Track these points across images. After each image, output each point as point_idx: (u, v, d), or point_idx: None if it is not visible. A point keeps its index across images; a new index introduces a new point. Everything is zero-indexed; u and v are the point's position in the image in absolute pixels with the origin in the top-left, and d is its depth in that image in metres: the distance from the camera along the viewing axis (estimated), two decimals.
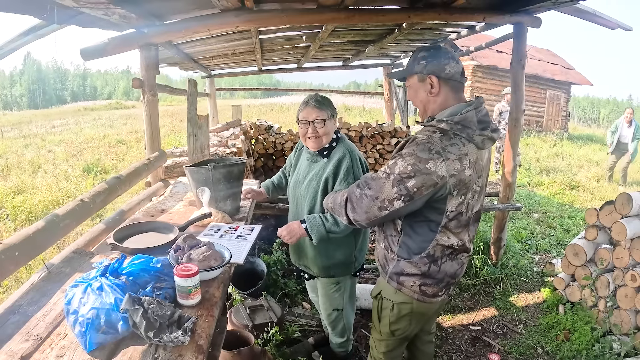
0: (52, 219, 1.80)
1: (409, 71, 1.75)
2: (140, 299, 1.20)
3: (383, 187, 1.60)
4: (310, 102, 2.27)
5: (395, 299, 1.85)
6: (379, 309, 1.94)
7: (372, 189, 1.63)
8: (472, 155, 1.60)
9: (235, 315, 2.82)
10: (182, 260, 1.47)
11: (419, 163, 1.54)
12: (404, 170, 1.56)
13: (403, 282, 1.79)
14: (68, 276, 1.61)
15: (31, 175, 8.40)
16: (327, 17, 3.28)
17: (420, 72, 1.70)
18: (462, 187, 1.61)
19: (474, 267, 4.14)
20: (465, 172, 1.58)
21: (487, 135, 1.63)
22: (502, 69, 15.41)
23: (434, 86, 1.68)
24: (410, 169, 1.55)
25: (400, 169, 1.57)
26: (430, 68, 1.67)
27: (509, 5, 3.51)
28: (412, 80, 1.75)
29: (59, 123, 19.02)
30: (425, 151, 1.55)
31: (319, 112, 2.24)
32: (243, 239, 1.97)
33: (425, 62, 1.68)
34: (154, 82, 3.36)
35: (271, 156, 5.88)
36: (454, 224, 1.69)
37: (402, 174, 1.56)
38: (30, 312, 1.37)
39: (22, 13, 2.46)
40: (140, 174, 2.82)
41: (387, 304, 1.88)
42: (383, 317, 1.92)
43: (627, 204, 3.41)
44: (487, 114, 1.67)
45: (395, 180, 1.57)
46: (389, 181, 1.59)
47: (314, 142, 2.27)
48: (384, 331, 1.95)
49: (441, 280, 1.77)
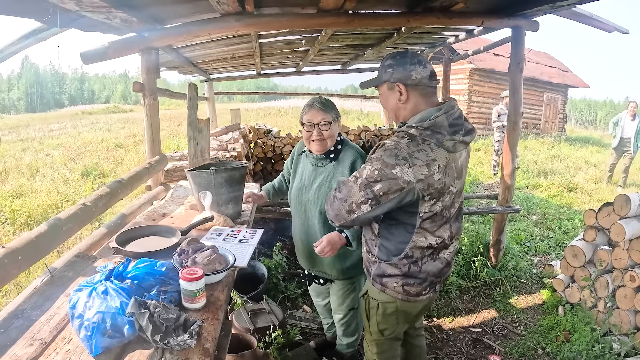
0: (54, 222, 1.80)
1: (378, 80, 1.78)
2: (146, 303, 1.20)
3: (351, 190, 1.64)
4: (315, 105, 2.24)
5: (380, 298, 1.88)
6: (367, 309, 1.97)
7: (341, 192, 1.68)
8: (442, 160, 1.61)
9: (237, 319, 2.82)
10: (186, 264, 1.47)
11: (386, 168, 1.57)
12: (370, 175, 1.59)
13: (386, 283, 1.82)
14: (71, 280, 1.61)
15: (29, 179, 8.40)
16: (327, 21, 3.29)
17: (388, 80, 1.72)
18: (433, 191, 1.62)
19: (474, 270, 4.16)
20: (434, 177, 1.59)
21: (459, 139, 1.64)
22: (499, 72, 15.47)
23: (402, 93, 1.70)
24: (377, 173, 1.58)
25: (368, 173, 1.60)
26: (397, 76, 1.69)
27: (507, 9, 3.53)
28: (382, 88, 1.78)
29: (57, 127, 18.99)
30: (392, 157, 1.57)
31: (324, 115, 2.22)
32: (246, 242, 1.97)
33: (392, 70, 1.70)
34: (154, 86, 3.37)
35: (270, 160, 5.89)
36: (429, 224, 1.70)
37: (369, 178, 1.60)
38: (34, 316, 1.36)
39: (23, 16, 2.46)
40: (141, 177, 2.82)
41: (373, 303, 1.91)
42: (371, 316, 1.96)
43: (626, 205, 3.43)
44: (460, 117, 1.68)
45: (362, 184, 1.61)
46: (356, 185, 1.63)
47: (318, 145, 2.25)
48: (374, 330, 1.99)
49: (424, 279, 1.79)
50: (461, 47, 10.68)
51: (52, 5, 2.32)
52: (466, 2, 3.14)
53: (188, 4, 2.90)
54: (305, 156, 2.44)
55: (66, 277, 1.65)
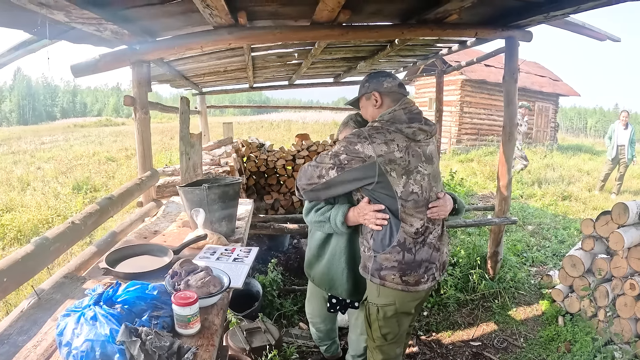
0: (41, 242, 1.73)
1: (358, 95, 2.14)
2: (137, 330, 1.13)
3: (323, 159, 1.96)
4: (350, 123, 2.27)
5: (379, 302, 2.00)
6: (368, 315, 2.09)
7: (315, 161, 1.99)
8: (401, 141, 1.88)
9: (232, 339, 2.75)
10: (179, 287, 1.41)
11: (349, 145, 1.88)
12: (338, 150, 1.92)
13: (385, 276, 1.94)
14: (59, 303, 1.54)
15: (20, 192, 8.28)
16: (320, 34, 3.28)
17: (366, 92, 2.08)
18: (397, 167, 1.86)
19: (472, 282, 4.11)
20: (394, 154, 1.85)
21: (417, 127, 1.92)
22: (490, 83, 15.60)
23: (377, 99, 2.04)
24: (343, 149, 1.90)
25: (336, 149, 1.93)
26: (372, 86, 2.06)
27: (501, 20, 3.54)
28: (362, 101, 2.13)
29: (49, 139, 18.88)
30: (354, 137, 1.90)
31: None
32: (240, 261, 1.91)
33: (368, 83, 2.08)
34: (145, 100, 3.32)
35: (263, 174, 5.86)
36: (411, 205, 1.90)
37: (337, 151, 1.92)
38: (20, 342, 1.30)
39: (12, 27, 2.42)
40: (132, 194, 2.76)
41: (373, 308, 2.04)
42: (372, 322, 2.07)
43: (624, 214, 3.42)
44: (419, 113, 2.00)
45: (331, 155, 1.93)
46: (327, 156, 1.95)
47: None
48: (377, 336, 2.09)
49: (419, 266, 1.93)
50: (453, 59, 10.76)
51: (42, 17, 2.28)
52: (460, 13, 3.13)
53: (180, 17, 2.87)
54: None
55: (54, 299, 1.58)
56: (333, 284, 2.31)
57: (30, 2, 2.01)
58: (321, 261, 2.33)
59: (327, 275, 2.31)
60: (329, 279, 2.31)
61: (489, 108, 16.34)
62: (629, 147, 8.70)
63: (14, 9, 2.12)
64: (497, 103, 16.06)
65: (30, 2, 2.00)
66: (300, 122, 24.94)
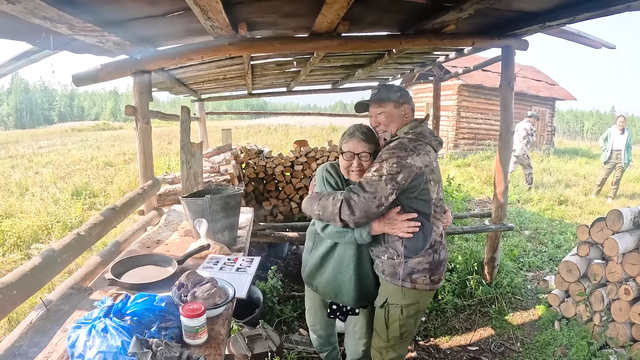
0: (48, 254, 1.76)
1: (386, 98, 2.15)
2: (148, 342, 1.18)
3: (378, 187, 1.90)
4: (356, 134, 2.17)
5: (403, 302, 2.08)
6: (386, 317, 2.14)
7: (369, 192, 1.91)
8: (432, 153, 2.05)
9: (234, 345, 2.78)
10: (186, 298, 1.45)
11: (401, 160, 1.91)
12: (391, 169, 1.90)
13: (416, 279, 2.04)
14: (68, 314, 1.58)
15: (19, 198, 8.27)
16: (320, 45, 3.31)
17: (397, 100, 2.13)
18: (435, 176, 2.03)
19: (469, 288, 4.15)
20: (433, 164, 2.02)
21: (438, 140, 2.13)
22: (487, 88, 15.69)
23: (407, 114, 2.15)
24: (395, 166, 1.90)
25: (387, 169, 1.91)
26: (404, 98, 2.16)
27: (498, 29, 3.60)
28: (388, 106, 2.14)
29: (46, 144, 18.87)
30: (402, 150, 1.94)
31: (366, 146, 2.15)
32: (243, 271, 1.95)
33: (400, 94, 2.15)
34: (147, 110, 3.35)
35: (262, 180, 5.89)
36: (439, 210, 2.10)
37: (390, 172, 1.90)
38: (31, 354, 1.33)
39: (15, 39, 2.45)
40: (134, 203, 2.79)
41: (396, 309, 2.10)
42: (392, 322, 2.13)
43: (618, 221, 3.47)
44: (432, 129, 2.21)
45: (387, 179, 1.90)
46: (382, 182, 1.90)
47: (357, 175, 2.15)
48: (393, 336, 2.16)
49: (441, 265, 2.10)
50: (451, 65, 10.82)
51: (45, 30, 2.32)
52: (457, 23, 3.18)
53: (181, 27, 2.91)
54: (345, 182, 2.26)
55: (62, 310, 1.61)
56: (339, 292, 2.27)
57: (34, 16, 2.05)
58: (325, 271, 2.29)
59: (333, 283, 2.26)
60: (335, 287, 2.27)
61: (486, 113, 16.42)
62: (625, 152, 8.77)
63: (17, 22, 2.15)
64: (494, 108, 16.14)
65: (35, 16, 2.04)
66: (297, 126, 24.97)
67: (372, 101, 2.20)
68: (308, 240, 2.44)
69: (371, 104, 2.21)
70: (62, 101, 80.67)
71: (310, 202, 2.13)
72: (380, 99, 2.16)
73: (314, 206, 2.08)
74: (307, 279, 2.43)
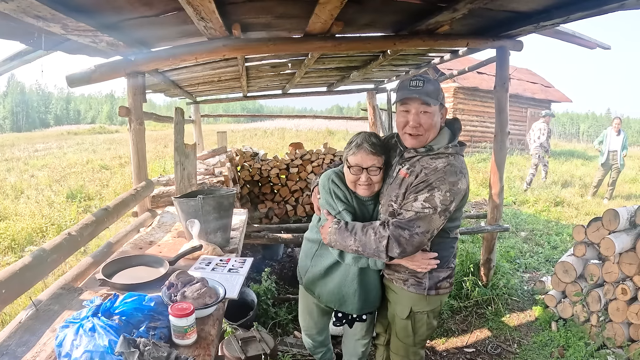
0: (39, 254, 1.75)
1: (435, 97, 1.84)
2: (136, 341, 1.16)
3: (432, 221, 1.77)
4: (365, 146, 1.94)
5: (428, 308, 2.07)
6: (413, 325, 2.10)
7: (422, 227, 1.76)
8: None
9: (227, 348, 2.75)
10: (175, 298, 1.43)
11: (453, 187, 1.77)
12: (444, 199, 1.76)
13: (440, 286, 2.03)
14: (57, 314, 1.56)
15: (14, 200, 8.25)
16: (314, 46, 3.31)
17: (442, 102, 1.89)
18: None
19: (465, 289, 4.14)
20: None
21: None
22: (483, 90, 15.75)
23: (443, 119, 1.96)
24: (449, 195, 1.76)
25: (441, 199, 1.76)
26: (443, 102, 1.92)
27: (492, 30, 3.60)
28: (434, 107, 1.85)
29: (42, 147, 18.79)
30: (453, 174, 1.78)
31: (375, 159, 1.95)
32: (235, 272, 1.93)
33: (442, 94, 1.90)
34: (141, 111, 3.34)
35: (257, 183, 5.88)
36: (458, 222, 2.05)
37: (444, 202, 1.76)
38: (19, 353, 1.32)
39: (8, 38, 2.45)
40: (127, 204, 2.77)
41: (422, 316, 2.08)
42: (419, 328, 2.11)
43: (615, 220, 3.46)
44: None
45: (441, 211, 1.76)
46: (436, 214, 1.76)
47: (365, 190, 2.01)
48: (420, 340, 2.17)
49: (455, 268, 2.12)
50: (446, 67, 10.86)
51: (38, 29, 2.31)
52: (451, 24, 3.19)
53: (175, 28, 2.91)
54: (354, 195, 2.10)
55: (52, 310, 1.60)
56: (344, 302, 2.20)
57: (27, 15, 2.04)
58: (330, 282, 2.21)
59: (338, 295, 2.19)
60: (340, 298, 2.20)
61: (482, 115, 16.47)
62: (620, 153, 8.88)
63: (11, 21, 2.14)
64: (489, 110, 16.18)
65: (27, 15, 2.03)
66: (294, 129, 24.96)
67: (419, 96, 1.82)
68: (310, 244, 2.31)
69: (413, 98, 1.83)
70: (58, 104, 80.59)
71: (341, 237, 1.91)
72: (428, 95, 1.82)
73: (348, 241, 1.88)
74: (308, 285, 2.32)
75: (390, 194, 1.94)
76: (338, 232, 1.91)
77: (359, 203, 2.09)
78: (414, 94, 1.81)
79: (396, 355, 2.25)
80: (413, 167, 1.89)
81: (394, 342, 2.25)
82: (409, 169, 1.91)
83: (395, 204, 1.91)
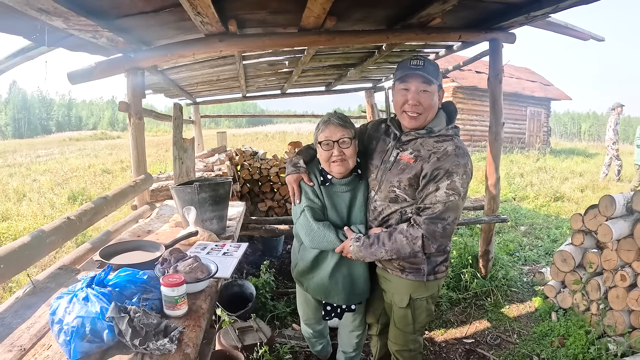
0: (38, 234, 1.80)
1: (434, 76, 1.84)
2: (127, 308, 1.19)
3: (458, 207, 1.79)
4: (332, 120, 2.00)
5: (427, 294, 2.07)
6: (413, 313, 2.10)
7: (451, 216, 1.78)
8: None
9: (224, 337, 2.78)
10: (168, 272, 1.47)
11: (467, 169, 1.80)
12: (463, 182, 1.78)
13: (438, 271, 2.03)
14: (53, 291, 1.62)
15: (16, 203, 8.33)
16: (308, 40, 3.36)
17: (440, 84, 1.90)
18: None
19: (464, 281, 4.14)
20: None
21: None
22: (481, 89, 15.78)
23: (440, 99, 1.93)
24: (465, 177, 1.79)
25: (461, 182, 1.77)
26: (441, 83, 1.91)
27: (484, 23, 3.64)
28: (433, 86, 1.84)
29: (44, 153, 18.89)
30: (464, 157, 1.80)
31: (344, 131, 1.98)
32: (230, 255, 1.96)
33: (439, 74, 1.89)
34: (140, 106, 3.41)
35: (257, 182, 5.91)
36: None
37: (463, 186, 1.78)
38: (14, 324, 1.36)
39: (12, 33, 2.50)
40: (126, 195, 2.81)
41: (421, 302, 2.08)
42: (419, 315, 2.11)
43: (611, 206, 3.45)
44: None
45: (463, 195, 1.80)
46: (460, 199, 1.78)
47: (340, 165, 2.00)
48: (419, 327, 2.18)
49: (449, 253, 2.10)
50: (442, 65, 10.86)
51: (41, 23, 2.35)
52: (443, 17, 3.23)
53: (173, 25, 2.96)
54: (331, 186, 2.10)
55: (48, 288, 1.65)
56: (329, 293, 2.22)
57: (30, 8, 2.09)
58: (316, 273, 2.22)
59: (323, 287, 2.21)
60: (324, 290, 2.21)
61: (481, 114, 16.49)
62: None
63: (14, 15, 2.19)
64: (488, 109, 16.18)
65: (31, 7, 2.08)
66: (295, 133, 25.04)
67: (419, 74, 1.82)
68: (295, 240, 2.34)
69: (414, 76, 1.82)
70: (60, 111, 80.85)
71: (369, 252, 1.90)
72: (428, 73, 1.81)
73: (379, 253, 1.88)
74: (298, 277, 2.35)
75: (391, 179, 1.92)
76: (364, 248, 1.89)
77: (332, 194, 2.09)
78: (416, 71, 1.81)
79: (395, 344, 2.23)
80: (418, 152, 1.87)
81: (392, 332, 2.24)
82: (412, 154, 1.88)
83: (399, 190, 1.89)
